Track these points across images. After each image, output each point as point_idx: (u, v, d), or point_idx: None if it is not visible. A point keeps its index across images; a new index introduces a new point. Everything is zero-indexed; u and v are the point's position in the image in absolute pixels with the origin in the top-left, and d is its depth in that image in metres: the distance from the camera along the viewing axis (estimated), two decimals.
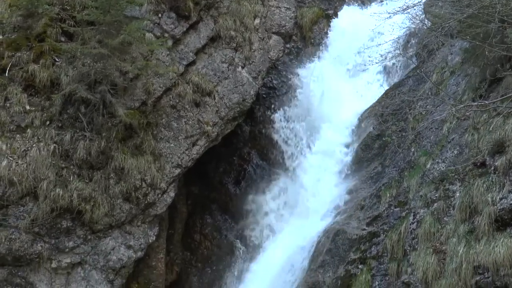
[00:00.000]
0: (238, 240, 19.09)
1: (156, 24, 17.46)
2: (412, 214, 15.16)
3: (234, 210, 19.58)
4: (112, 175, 16.25)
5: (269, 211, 19.51)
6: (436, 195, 14.75)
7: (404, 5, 17.77)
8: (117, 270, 16.24)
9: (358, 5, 24.46)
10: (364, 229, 16.13)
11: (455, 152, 15.12)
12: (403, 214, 15.51)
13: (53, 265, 15.78)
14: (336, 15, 23.95)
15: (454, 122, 15.74)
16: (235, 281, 18.03)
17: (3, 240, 15.16)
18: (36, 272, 15.64)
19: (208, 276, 18.64)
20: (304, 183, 19.74)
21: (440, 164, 15.28)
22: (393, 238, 15.16)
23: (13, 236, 15.28)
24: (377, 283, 15.03)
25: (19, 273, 15.47)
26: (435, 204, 14.59)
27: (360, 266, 15.45)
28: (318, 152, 20.17)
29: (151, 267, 17.20)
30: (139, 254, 16.57)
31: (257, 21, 19.68)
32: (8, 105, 15.86)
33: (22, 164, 15.45)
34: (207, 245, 19.11)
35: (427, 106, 17.38)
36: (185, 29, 17.93)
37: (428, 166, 15.61)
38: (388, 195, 16.32)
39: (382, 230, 15.70)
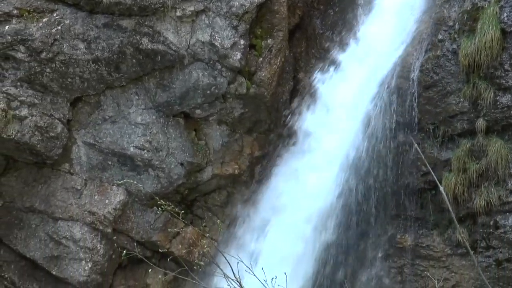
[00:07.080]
0: None
1: None
2: None
3: None
4: None
5: None
6: None
7: None
8: (240, 15, 16.38)
9: None
10: None
11: None
12: None
13: (178, 13, 16.07)
14: None
15: None
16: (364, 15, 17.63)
17: None
18: (162, 21, 16.01)
19: (330, 18, 18.45)
20: None
21: None
22: None
23: None
24: (505, 14, 14.64)
25: (146, 23, 15.86)
26: None
27: None
28: None
29: (273, 12, 17.21)
30: None
31: None
32: None
33: None
34: None
35: None
36: None
37: None
38: None
39: None
